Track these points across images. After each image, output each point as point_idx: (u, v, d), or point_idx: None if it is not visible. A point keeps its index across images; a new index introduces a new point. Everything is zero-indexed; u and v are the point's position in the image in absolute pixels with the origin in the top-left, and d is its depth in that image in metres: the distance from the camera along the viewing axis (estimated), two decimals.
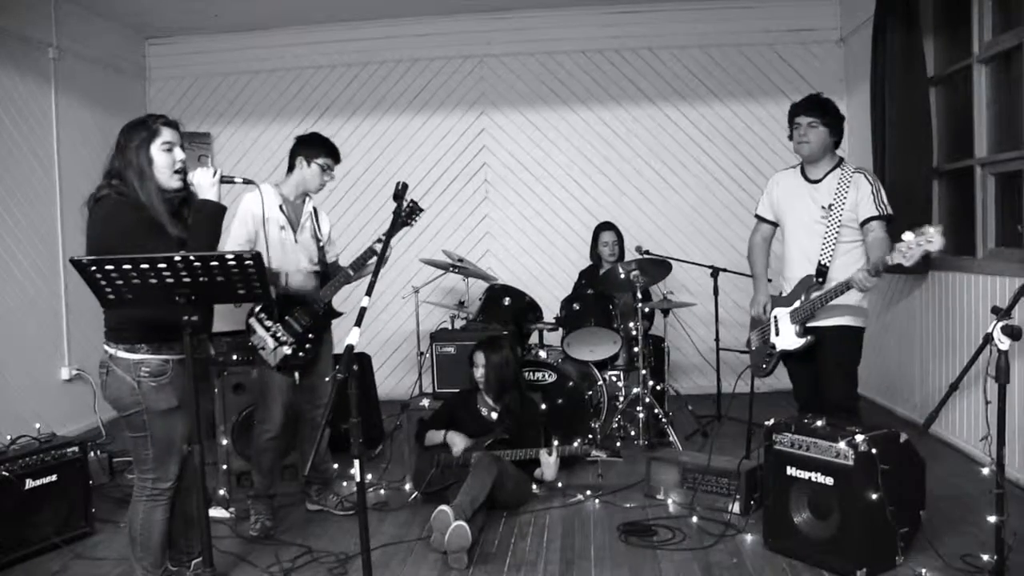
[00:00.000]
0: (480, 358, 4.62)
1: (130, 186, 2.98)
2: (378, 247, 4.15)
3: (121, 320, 3.04)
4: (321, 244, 4.36)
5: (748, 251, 4.46)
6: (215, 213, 3.03)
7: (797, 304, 4.01)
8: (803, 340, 4.00)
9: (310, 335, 4.16)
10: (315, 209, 4.40)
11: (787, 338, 4.08)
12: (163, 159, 3.01)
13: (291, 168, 4.31)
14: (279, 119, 7.58)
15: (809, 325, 3.98)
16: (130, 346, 3.02)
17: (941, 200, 5.67)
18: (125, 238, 2.90)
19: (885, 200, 3.92)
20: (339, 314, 4.35)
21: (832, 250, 3.94)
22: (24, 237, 5.82)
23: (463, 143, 7.51)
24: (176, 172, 3.03)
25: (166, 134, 3.02)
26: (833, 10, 7.12)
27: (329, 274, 4.33)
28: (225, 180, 3.11)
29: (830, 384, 4.00)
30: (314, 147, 4.27)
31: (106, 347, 3.08)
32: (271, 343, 4.07)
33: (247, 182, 3.34)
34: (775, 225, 4.32)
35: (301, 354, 4.13)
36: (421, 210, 4.30)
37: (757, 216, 4.40)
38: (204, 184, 3.01)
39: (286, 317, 4.11)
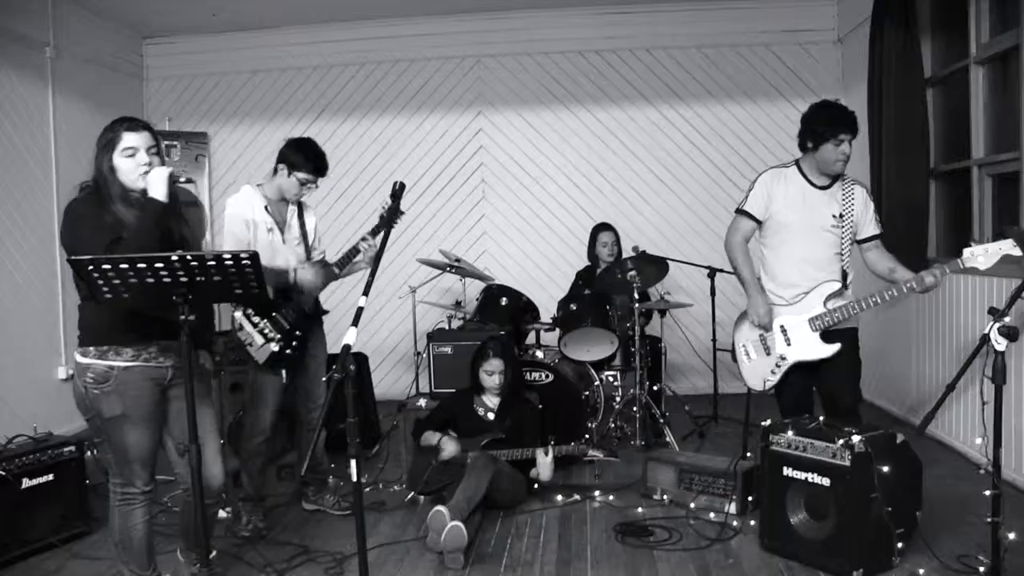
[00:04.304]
0: (497, 364, 4.59)
1: (101, 189, 2.98)
2: (362, 245, 4.14)
3: (80, 322, 3.04)
4: (310, 243, 4.32)
5: (731, 252, 4.18)
6: (152, 210, 2.93)
7: (818, 311, 3.89)
8: (833, 347, 3.88)
9: (297, 332, 4.13)
10: (300, 205, 4.32)
11: (808, 348, 3.93)
12: (126, 164, 2.96)
13: (274, 170, 4.20)
14: (276, 119, 7.57)
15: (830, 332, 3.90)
16: (83, 350, 3.02)
17: (938, 201, 5.68)
18: (81, 230, 2.90)
19: (878, 217, 4.07)
20: (326, 312, 4.35)
21: (848, 259, 3.96)
22: (21, 237, 5.82)
23: (460, 143, 7.51)
24: (144, 175, 2.97)
25: (128, 139, 2.96)
26: (830, 11, 7.12)
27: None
28: (173, 178, 2.98)
29: (847, 388, 3.97)
30: (299, 159, 4.12)
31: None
32: (259, 339, 4.04)
33: (188, 180, 3.15)
34: (758, 224, 4.11)
35: (288, 351, 4.10)
36: (402, 212, 4.19)
37: (745, 212, 4.10)
38: (153, 181, 2.93)
39: (273, 313, 4.07)
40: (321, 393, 4.31)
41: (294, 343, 4.12)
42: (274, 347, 4.06)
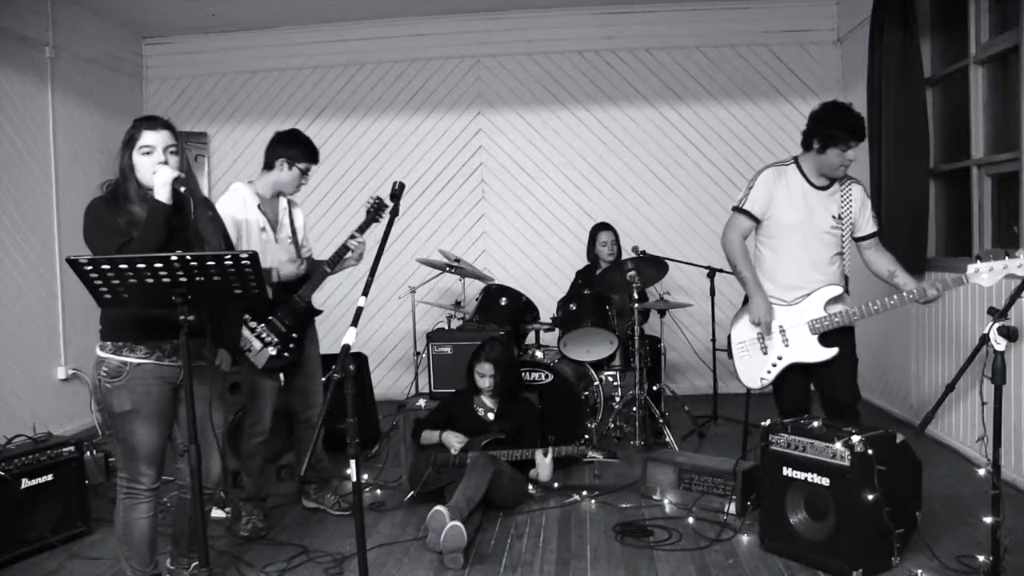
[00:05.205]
0: (487, 368, 4.59)
1: (120, 186, 3.04)
2: (351, 243, 4.13)
3: (101, 317, 3.07)
4: (300, 242, 4.30)
5: (730, 250, 4.09)
6: (156, 211, 2.96)
7: (819, 314, 3.90)
8: (832, 351, 3.89)
9: (294, 335, 4.13)
10: (289, 203, 4.30)
11: (806, 349, 3.94)
12: (143, 162, 3.01)
13: (268, 167, 4.17)
14: (276, 119, 7.55)
15: (825, 333, 3.91)
16: (101, 344, 3.05)
17: (938, 201, 5.68)
18: (95, 233, 2.97)
19: (875, 214, 4.06)
20: (319, 312, 4.33)
21: (847, 261, 3.96)
22: (20, 237, 5.81)
23: (460, 143, 7.51)
24: (155, 174, 3.00)
25: (146, 138, 3.01)
26: (830, 11, 7.13)
27: (308, 271, 4.27)
28: (175, 183, 2.98)
29: (845, 387, 3.96)
30: (296, 149, 4.13)
31: None
32: (257, 344, 4.03)
33: (183, 186, 3.05)
34: (757, 223, 4.06)
35: (286, 354, 4.09)
36: (386, 206, 4.14)
37: (743, 211, 4.04)
38: (157, 183, 2.97)
39: (269, 317, 4.06)
40: (318, 391, 4.32)
41: (291, 346, 4.11)
42: (272, 351, 4.05)
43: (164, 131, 3.04)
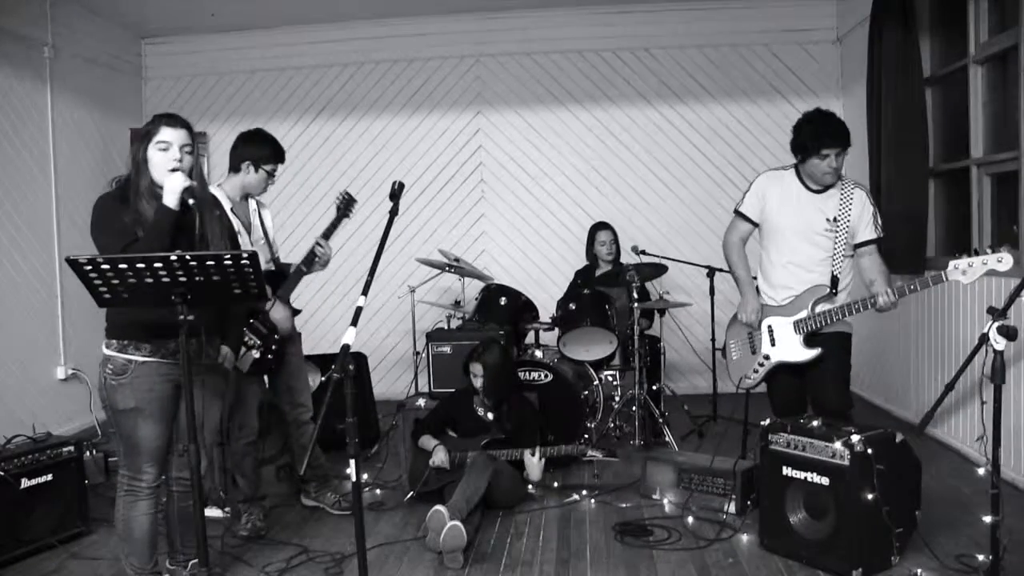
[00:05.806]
0: (478, 368, 4.60)
1: (132, 180, 3.05)
2: (317, 250, 4.14)
3: (107, 315, 3.08)
4: (271, 242, 4.27)
5: (727, 251, 4.26)
6: (162, 217, 2.98)
7: (804, 314, 3.92)
8: (813, 352, 3.92)
9: (275, 336, 4.11)
10: (258, 204, 4.28)
11: (789, 349, 3.98)
12: (158, 157, 3.03)
13: (234, 169, 4.14)
14: (275, 119, 7.55)
15: (813, 335, 3.92)
16: (107, 341, 3.07)
17: (937, 200, 5.68)
18: (101, 231, 2.99)
19: (880, 222, 4.00)
20: (298, 311, 4.32)
21: (841, 263, 3.94)
22: (20, 236, 5.81)
23: (459, 143, 7.51)
24: (172, 171, 3.02)
25: (164, 134, 3.04)
26: (830, 10, 7.12)
27: (282, 270, 4.26)
28: (184, 193, 2.98)
29: (832, 392, 3.96)
30: (262, 150, 4.10)
31: None
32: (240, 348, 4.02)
33: (192, 197, 3.07)
34: (755, 226, 4.18)
35: (270, 356, 4.09)
36: (355, 201, 4.30)
37: (739, 213, 4.19)
38: (167, 187, 2.97)
39: (251, 320, 4.04)
40: (304, 389, 4.35)
41: (273, 347, 4.11)
42: (255, 354, 4.04)
43: (182, 130, 3.08)
